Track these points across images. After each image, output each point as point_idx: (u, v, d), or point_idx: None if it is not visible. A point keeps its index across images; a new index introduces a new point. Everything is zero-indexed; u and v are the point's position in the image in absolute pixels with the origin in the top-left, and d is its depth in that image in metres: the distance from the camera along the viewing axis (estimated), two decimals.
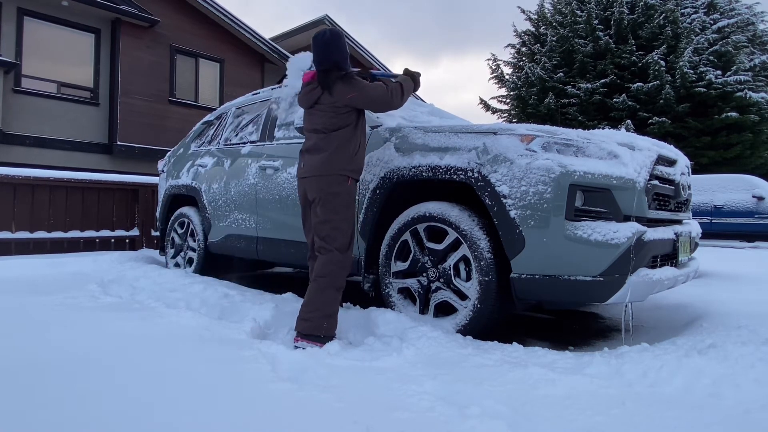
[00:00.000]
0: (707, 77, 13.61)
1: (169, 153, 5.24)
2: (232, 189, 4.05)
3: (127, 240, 6.13)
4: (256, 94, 4.45)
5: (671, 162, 2.76)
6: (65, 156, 10.48)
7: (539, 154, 2.40)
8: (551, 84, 15.99)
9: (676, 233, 2.67)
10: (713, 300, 3.40)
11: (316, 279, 2.45)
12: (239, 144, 4.20)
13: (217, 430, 1.41)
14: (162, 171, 5.20)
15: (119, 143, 10.94)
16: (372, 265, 3.01)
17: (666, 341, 2.33)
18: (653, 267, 2.49)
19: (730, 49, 14.02)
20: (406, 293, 2.82)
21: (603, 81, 14.96)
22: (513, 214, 2.38)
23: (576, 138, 2.45)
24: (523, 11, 18.41)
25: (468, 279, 2.56)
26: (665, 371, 1.85)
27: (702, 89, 13.54)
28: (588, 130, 2.65)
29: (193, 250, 4.54)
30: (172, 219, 4.85)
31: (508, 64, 18.45)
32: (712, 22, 15.06)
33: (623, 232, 2.26)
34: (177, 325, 2.52)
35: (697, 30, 14.56)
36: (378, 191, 2.91)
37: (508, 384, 1.81)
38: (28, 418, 1.44)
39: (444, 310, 2.65)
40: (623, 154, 2.41)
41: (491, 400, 1.63)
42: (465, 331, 2.48)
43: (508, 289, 2.46)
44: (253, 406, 1.57)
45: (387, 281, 2.85)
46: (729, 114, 13.21)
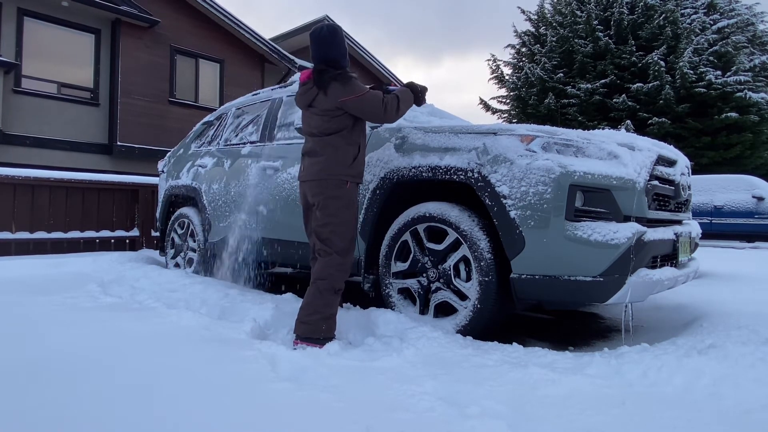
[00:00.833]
0: (707, 77, 13.61)
1: (169, 153, 5.24)
2: (232, 189, 4.05)
3: (127, 240, 6.13)
4: (256, 94, 4.45)
5: (671, 162, 2.76)
6: (65, 156, 10.48)
7: (539, 154, 2.41)
8: (551, 84, 15.98)
9: (676, 233, 2.67)
10: (713, 300, 3.40)
11: (315, 282, 2.42)
12: (239, 144, 4.20)
13: (217, 429, 1.41)
14: (162, 171, 5.21)
15: (119, 143, 10.94)
16: (372, 266, 3.01)
17: (666, 341, 2.33)
18: (653, 267, 2.49)
19: (730, 50, 14.02)
20: (406, 293, 2.82)
21: (603, 81, 14.95)
22: (513, 214, 2.38)
23: (576, 138, 2.45)
24: (523, 11, 18.42)
25: (468, 279, 2.56)
26: (665, 371, 1.85)
27: (702, 89, 13.53)
28: (588, 130, 2.65)
29: (193, 250, 4.54)
30: (172, 219, 4.85)
31: (508, 64, 18.44)
32: (712, 22, 15.06)
33: (623, 232, 2.26)
34: (177, 325, 2.52)
35: (697, 30, 14.55)
36: (378, 191, 2.91)
37: (508, 384, 1.81)
38: (28, 418, 1.44)
39: (444, 310, 2.65)
40: (623, 154, 2.41)
41: (491, 400, 1.63)
42: (465, 332, 2.49)
43: (508, 290, 2.47)
44: (253, 406, 1.57)
45: (387, 281, 2.85)
46: (729, 114, 13.20)
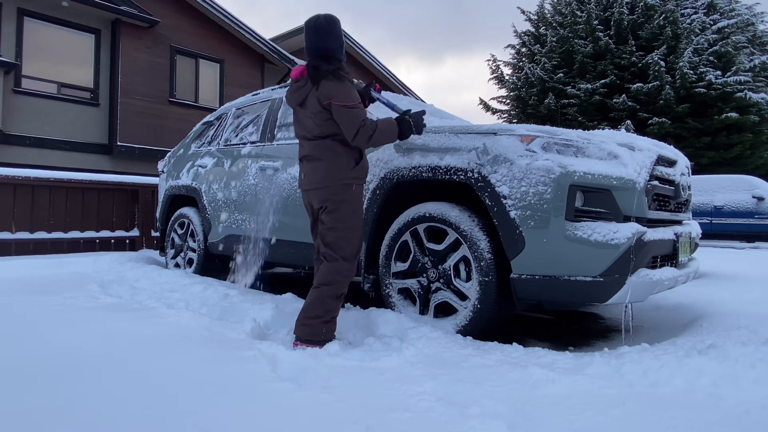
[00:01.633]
0: (707, 78, 13.61)
1: (169, 153, 5.24)
2: (232, 189, 4.05)
3: (127, 240, 6.13)
4: (256, 94, 4.45)
5: (671, 162, 2.76)
6: (65, 156, 10.48)
7: (539, 154, 2.40)
8: (551, 84, 15.98)
9: (676, 234, 2.67)
10: (713, 300, 3.40)
11: (319, 286, 2.36)
12: (239, 144, 4.20)
13: (217, 430, 1.41)
14: (162, 171, 5.21)
15: (119, 144, 10.94)
16: (372, 266, 3.01)
17: (666, 341, 2.33)
18: (653, 267, 2.49)
19: (730, 50, 14.02)
20: (406, 294, 2.82)
21: (603, 81, 14.96)
22: (513, 214, 2.38)
23: (576, 138, 2.45)
24: (523, 12, 18.43)
25: (468, 279, 2.56)
26: (665, 371, 1.85)
27: (702, 90, 13.53)
28: (588, 130, 2.65)
29: (193, 250, 4.54)
30: (172, 219, 4.85)
31: (508, 64, 18.45)
32: (712, 22, 15.06)
33: (623, 232, 2.26)
34: (177, 326, 2.52)
35: (697, 30, 14.56)
36: (378, 191, 2.91)
37: (508, 384, 1.81)
38: (27, 417, 1.44)
39: (444, 310, 2.65)
40: (623, 154, 2.41)
41: (491, 400, 1.63)
42: (465, 332, 2.48)
43: (508, 290, 2.46)
44: (253, 406, 1.57)
45: (387, 282, 2.85)
46: (729, 114, 13.20)
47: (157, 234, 5.76)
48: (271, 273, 5.56)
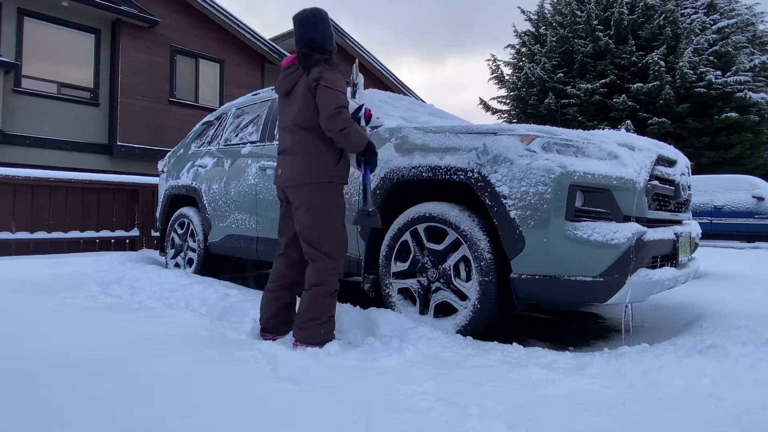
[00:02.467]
0: (707, 78, 13.61)
1: (169, 153, 5.24)
2: (232, 189, 4.05)
3: (127, 240, 6.13)
4: (256, 94, 4.45)
5: (671, 162, 2.76)
6: (65, 156, 10.48)
7: (539, 154, 2.40)
8: (551, 84, 15.98)
9: (676, 234, 2.67)
10: (713, 300, 3.40)
11: (310, 288, 2.34)
12: (239, 144, 4.20)
13: (217, 429, 1.41)
14: (162, 171, 5.21)
15: (119, 143, 10.94)
16: (372, 266, 3.01)
17: (666, 341, 2.33)
18: (653, 267, 2.49)
19: (730, 50, 14.02)
20: (406, 294, 2.82)
21: (603, 81, 14.96)
22: (513, 214, 2.38)
23: (576, 138, 2.45)
24: (523, 11, 18.43)
25: (468, 279, 2.56)
26: (665, 371, 1.85)
27: (702, 90, 13.53)
28: (588, 130, 2.66)
29: (193, 250, 4.54)
30: (172, 219, 4.85)
31: (508, 64, 18.45)
32: (712, 22, 15.06)
33: (623, 232, 2.26)
34: (177, 326, 2.52)
35: (697, 30, 14.55)
36: (378, 191, 2.91)
37: (508, 384, 1.81)
38: (27, 417, 1.44)
39: (444, 310, 2.65)
40: (623, 154, 2.41)
41: (491, 400, 1.63)
42: (465, 332, 2.48)
43: (508, 290, 2.46)
44: (253, 406, 1.57)
45: (387, 282, 2.85)
46: (729, 114, 13.20)
47: (157, 234, 5.76)
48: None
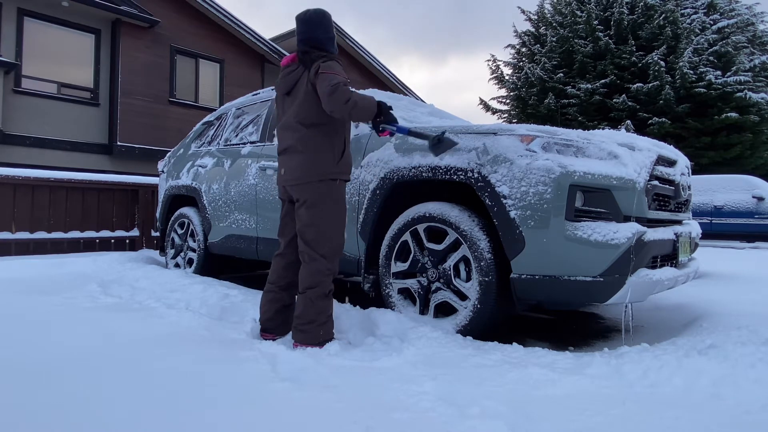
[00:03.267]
0: (707, 78, 13.62)
1: (169, 153, 5.24)
2: (232, 189, 4.05)
3: (127, 240, 6.13)
4: (256, 94, 4.45)
5: (671, 162, 2.76)
6: (65, 156, 10.48)
7: (539, 154, 2.40)
8: (551, 84, 15.99)
9: (676, 234, 2.67)
10: (713, 300, 3.40)
11: (305, 291, 2.33)
12: (239, 144, 4.20)
13: (217, 430, 1.41)
14: (162, 171, 5.21)
15: (119, 143, 10.94)
16: (372, 266, 3.01)
17: (666, 341, 2.33)
18: (653, 267, 2.49)
19: (730, 50, 14.03)
20: (406, 294, 2.82)
21: (603, 81, 14.96)
22: (513, 214, 2.38)
23: (576, 138, 2.45)
24: (523, 11, 18.43)
25: (468, 279, 2.56)
26: (665, 371, 1.85)
27: (702, 90, 13.54)
28: (588, 130, 2.66)
29: (193, 250, 4.54)
30: (172, 219, 4.85)
31: (508, 64, 18.45)
32: (712, 22, 15.07)
33: (623, 232, 2.26)
34: (177, 326, 2.52)
35: (697, 30, 14.56)
36: (378, 191, 2.91)
37: (508, 384, 1.81)
38: (27, 417, 1.44)
39: (444, 310, 2.65)
40: (623, 154, 2.41)
41: (491, 400, 1.63)
42: (465, 332, 2.48)
43: (508, 290, 2.46)
44: (253, 406, 1.57)
45: (387, 282, 2.85)
46: (729, 114, 13.21)
47: (157, 234, 5.76)
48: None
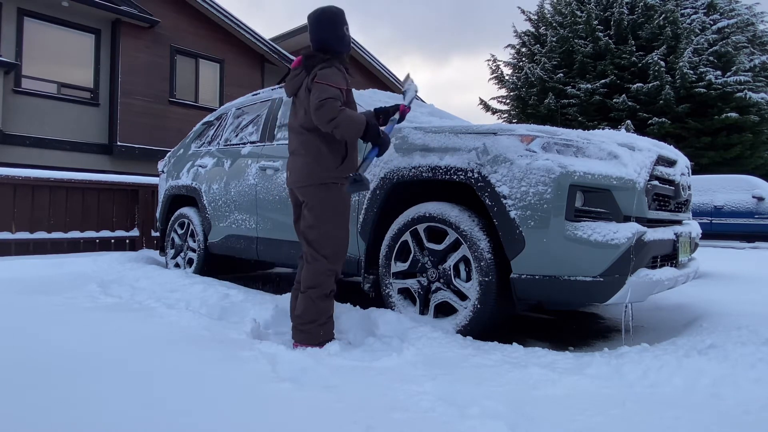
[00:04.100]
0: (707, 78, 13.62)
1: (169, 153, 5.24)
2: (232, 189, 4.05)
3: (127, 240, 6.13)
4: (256, 94, 4.45)
5: (671, 162, 2.76)
6: (65, 156, 10.48)
7: (539, 154, 2.40)
8: (551, 84, 15.99)
9: (676, 234, 2.67)
10: (713, 300, 3.40)
11: (306, 291, 2.33)
12: (239, 144, 4.20)
13: (218, 430, 1.41)
14: (162, 171, 5.20)
15: (119, 143, 10.94)
16: (372, 266, 3.01)
17: (666, 341, 2.33)
18: (653, 267, 2.49)
19: (730, 50, 14.03)
20: (406, 294, 2.82)
21: (603, 81, 14.96)
22: (513, 214, 2.38)
23: (576, 138, 2.45)
24: (523, 11, 18.43)
25: (468, 279, 2.56)
26: (665, 371, 1.85)
27: (702, 90, 13.54)
28: (588, 130, 2.66)
29: (193, 250, 4.54)
30: (172, 219, 4.85)
31: (508, 64, 18.46)
32: (712, 22, 15.07)
33: (623, 232, 2.26)
34: (177, 326, 2.52)
35: (697, 30, 14.56)
36: (378, 191, 2.91)
37: (508, 384, 1.81)
38: (27, 417, 1.44)
39: (444, 310, 2.65)
40: (623, 154, 2.41)
41: (491, 400, 1.63)
42: (465, 332, 2.48)
43: (508, 290, 2.46)
44: (253, 406, 1.57)
45: (387, 282, 2.85)
46: (729, 114, 13.21)
47: (157, 234, 5.76)
48: (271, 273, 5.56)
